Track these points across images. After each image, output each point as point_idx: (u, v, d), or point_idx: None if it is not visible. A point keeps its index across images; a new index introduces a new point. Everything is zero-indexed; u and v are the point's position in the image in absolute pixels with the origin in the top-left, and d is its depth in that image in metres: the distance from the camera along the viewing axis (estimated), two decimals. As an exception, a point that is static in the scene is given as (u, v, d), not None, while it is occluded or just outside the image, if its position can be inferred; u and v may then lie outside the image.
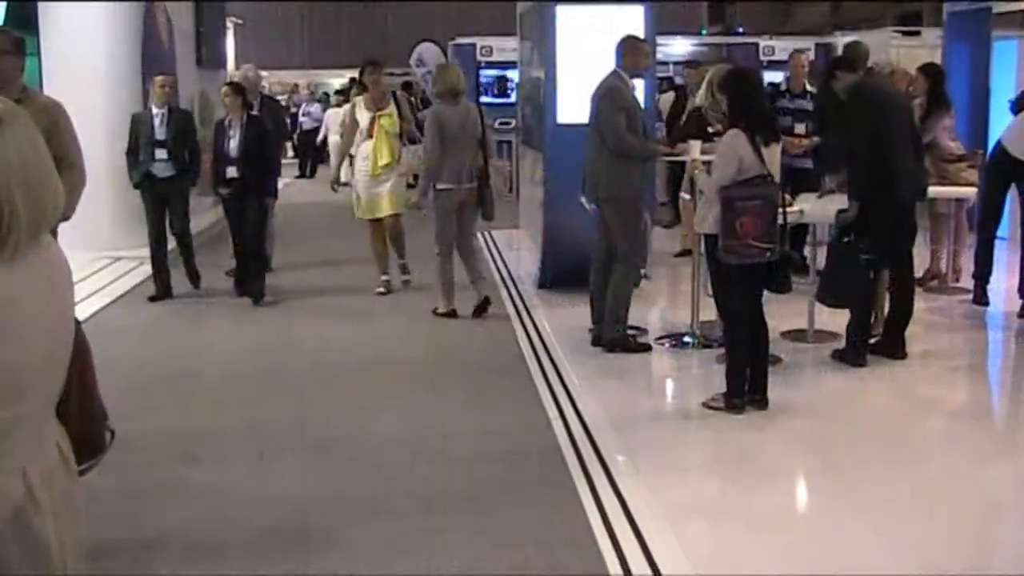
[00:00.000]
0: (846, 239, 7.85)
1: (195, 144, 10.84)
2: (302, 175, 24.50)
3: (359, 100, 10.82)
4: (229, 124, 10.52)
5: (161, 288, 10.69)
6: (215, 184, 10.73)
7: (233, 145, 10.41)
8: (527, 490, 5.82)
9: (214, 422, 7.02)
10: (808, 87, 11.33)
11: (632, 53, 8.44)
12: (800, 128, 10.92)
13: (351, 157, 10.93)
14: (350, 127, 10.90)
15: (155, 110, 10.55)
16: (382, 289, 10.85)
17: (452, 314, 9.76)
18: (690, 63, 15.39)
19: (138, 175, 10.47)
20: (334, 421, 7.03)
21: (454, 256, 9.77)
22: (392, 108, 10.66)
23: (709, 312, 8.27)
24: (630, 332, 8.62)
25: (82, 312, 9.78)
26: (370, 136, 10.52)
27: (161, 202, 10.58)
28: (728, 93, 7.16)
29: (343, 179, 11.59)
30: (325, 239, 14.25)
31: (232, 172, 10.40)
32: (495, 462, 6.25)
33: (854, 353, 8.01)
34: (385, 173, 10.57)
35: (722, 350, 7.58)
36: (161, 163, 10.44)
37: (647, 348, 8.56)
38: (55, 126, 6.20)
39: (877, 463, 6.23)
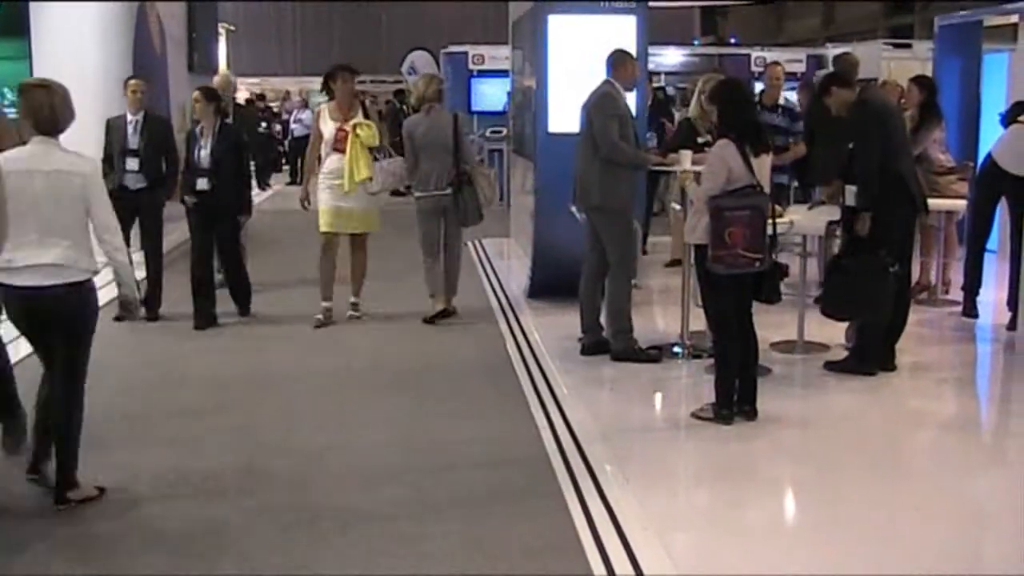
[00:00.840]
0: (852, 251, 7.86)
1: (172, 154, 10.01)
2: (293, 182, 24.46)
3: (324, 108, 9.86)
4: (201, 132, 9.73)
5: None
6: (183, 193, 9.81)
7: (204, 155, 9.63)
8: (515, 498, 5.81)
9: (202, 430, 6.98)
10: (780, 101, 11.18)
11: (624, 67, 8.46)
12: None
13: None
14: (315, 139, 9.91)
15: (129, 116, 9.89)
16: (321, 317, 9.84)
17: (443, 314, 10.01)
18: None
19: (110, 184, 9.42)
20: (324, 429, 7.01)
21: (440, 261, 10.02)
22: (362, 117, 9.74)
23: (699, 322, 8.27)
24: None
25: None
26: (338, 149, 9.59)
27: (132, 216, 9.61)
28: (718, 103, 7.16)
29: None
30: (311, 247, 14.22)
31: (203, 184, 9.61)
32: (483, 470, 6.24)
33: (864, 362, 8.03)
34: (361, 188, 9.65)
35: (711, 360, 7.59)
36: (132, 174, 9.78)
37: (656, 359, 8.51)
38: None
39: (866, 474, 6.24)
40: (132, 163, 9.78)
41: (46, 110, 5.58)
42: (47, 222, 5.42)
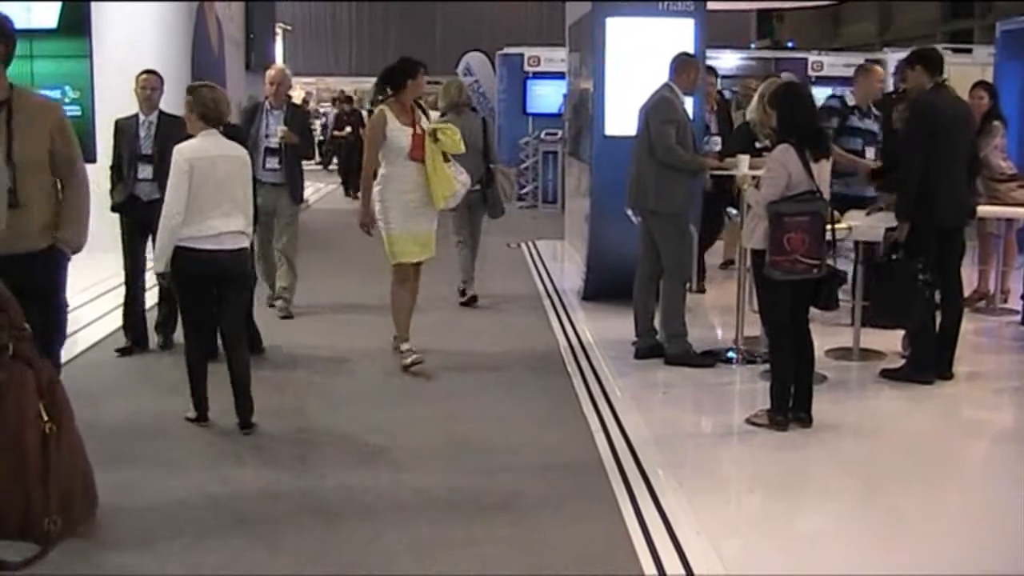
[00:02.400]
0: (894, 256, 7.81)
1: None
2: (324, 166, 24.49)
3: (386, 109, 8.29)
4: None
5: (132, 338, 8.70)
6: None
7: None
8: (567, 502, 5.79)
9: (252, 432, 6.96)
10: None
11: (687, 72, 8.44)
12: (870, 153, 9.54)
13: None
14: (374, 146, 8.34)
15: (141, 117, 8.61)
16: (415, 358, 8.40)
17: (474, 300, 10.74)
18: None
19: (119, 195, 8.52)
20: (375, 430, 7.01)
21: (468, 247, 10.86)
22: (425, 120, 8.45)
23: (753, 328, 8.23)
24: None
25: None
26: (416, 158, 8.21)
27: (142, 231, 8.36)
28: (778, 108, 7.11)
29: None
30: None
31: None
32: (536, 473, 6.22)
33: (920, 370, 7.95)
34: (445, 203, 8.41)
35: (765, 366, 7.55)
36: (145, 183, 8.43)
37: (710, 364, 8.48)
38: (62, 126, 5.77)
39: (920, 484, 6.18)
40: (145, 170, 8.46)
41: (222, 107, 6.88)
42: (229, 198, 6.66)
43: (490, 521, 5.53)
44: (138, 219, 8.35)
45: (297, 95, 24.09)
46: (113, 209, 8.52)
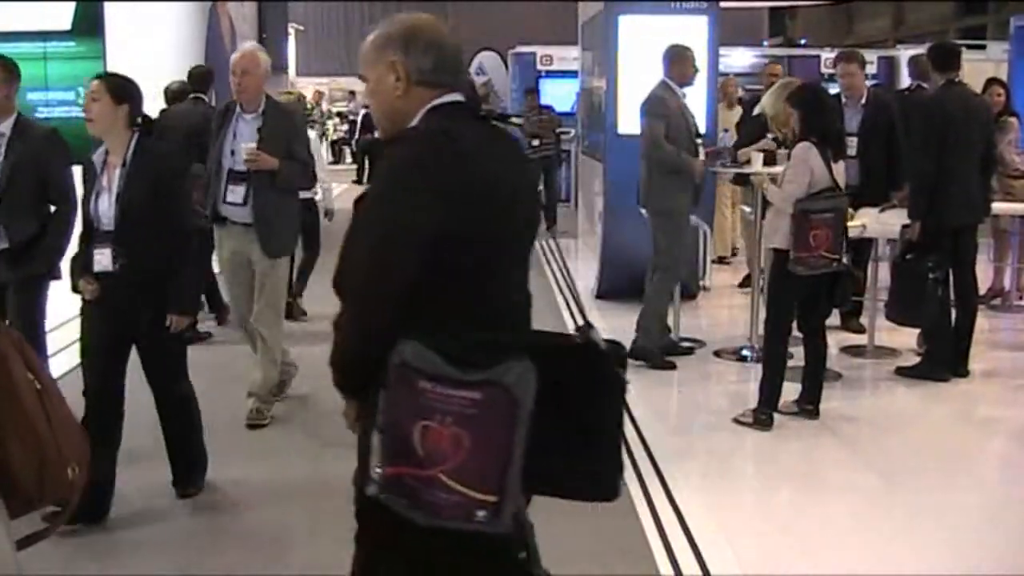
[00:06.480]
0: (908, 256, 7.81)
1: (63, 193, 5.98)
2: (359, 181, 24.36)
3: None
4: (104, 163, 5.29)
5: None
6: (75, 275, 5.33)
7: (104, 206, 5.20)
8: (582, 502, 5.77)
9: (269, 437, 6.95)
10: None
11: (679, 63, 8.35)
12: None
13: None
14: None
15: None
16: None
17: None
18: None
19: None
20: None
21: None
22: None
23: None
24: (685, 344, 8.75)
25: None
26: None
27: None
28: (802, 108, 7.08)
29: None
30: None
31: (103, 261, 5.16)
32: (550, 472, 6.21)
33: (936, 367, 7.95)
34: None
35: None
36: None
37: (671, 366, 8.33)
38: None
39: (934, 481, 6.16)
40: None
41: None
42: None
43: (505, 520, 5.52)
44: None
45: (310, 95, 23.93)
46: None
